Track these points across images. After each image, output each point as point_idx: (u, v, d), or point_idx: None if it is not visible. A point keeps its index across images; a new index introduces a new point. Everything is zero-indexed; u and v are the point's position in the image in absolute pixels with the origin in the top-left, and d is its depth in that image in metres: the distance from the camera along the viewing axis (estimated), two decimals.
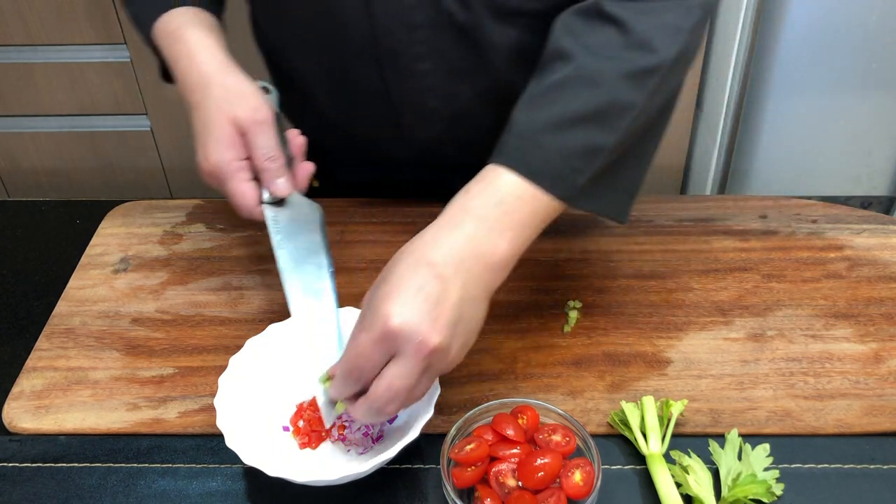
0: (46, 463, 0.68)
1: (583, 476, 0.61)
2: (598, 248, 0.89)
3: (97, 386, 0.74)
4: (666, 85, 0.67)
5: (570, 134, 0.64)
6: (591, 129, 0.64)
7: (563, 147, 0.63)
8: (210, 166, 0.73)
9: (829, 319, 0.79)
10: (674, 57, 0.65)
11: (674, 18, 0.66)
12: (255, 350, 0.70)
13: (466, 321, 0.60)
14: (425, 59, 0.81)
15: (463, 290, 0.59)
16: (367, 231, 0.92)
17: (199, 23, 0.78)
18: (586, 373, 0.74)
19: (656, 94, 0.66)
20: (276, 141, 0.74)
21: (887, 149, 1.76)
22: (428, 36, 0.79)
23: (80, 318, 0.81)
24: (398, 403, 0.59)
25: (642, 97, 0.65)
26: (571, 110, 0.64)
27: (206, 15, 0.80)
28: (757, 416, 0.70)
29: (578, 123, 0.64)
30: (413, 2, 0.77)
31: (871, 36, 1.59)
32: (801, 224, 0.92)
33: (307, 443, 0.68)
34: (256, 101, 0.73)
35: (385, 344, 0.58)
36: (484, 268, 0.61)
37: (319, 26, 0.82)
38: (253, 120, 0.72)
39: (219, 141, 0.72)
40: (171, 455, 0.69)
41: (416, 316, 0.57)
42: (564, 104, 0.64)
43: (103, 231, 0.93)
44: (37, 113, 1.88)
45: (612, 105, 0.64)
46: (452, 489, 0.61)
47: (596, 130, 0.64)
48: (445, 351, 0.58)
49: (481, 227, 0.61)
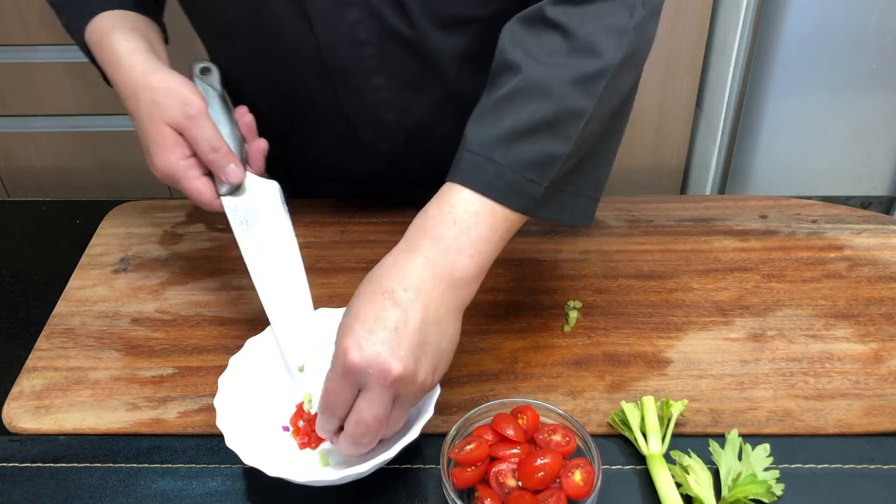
0: (46, 463, 0.68)
1: (583, 476, 0.61)
2: (598, 248, 0.89)
3: (97, 386, 0.74)
4: (615, 87, 0.66)
5: (522, 146, 0.63)
6: (543, 140, 0.63)
7: (515, 160, 0.63)
8: (159, 172, 0.73)
9: (829, 319, 0.79)
10: (620, 59, 0.65)
11: (616, 20, 0.65)
12: (255, 350, 0.70)
13: (433, 343, 0.60)
14: (376, 74, 0.80)
15: (424, 312, 0.59)
16: (367, 231, 0.92)
17: (122, 26, 0.76)
18: (586, 373, 0.74)
19: (606, 97, 0.65)
20: (213, 131, 0.72)
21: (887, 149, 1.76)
22: (375, 51, 0.79)
23: (80, 318, 0.81)
24: (372, 435, 0.60)
25: (591, 102, 0.64)
26: (521, 122, 0.63)
27: (131, 16, 0.78)
28: (757, 416, 0.70)
29: (530, 135, 0.63)
30: (355, 18, 0.76)
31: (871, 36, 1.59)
32: (801, 224, 0.92)
33: (307, 443, 0.67)
34: (185, 96, 0.72)
35: (349, 379, 0.58)
36: (446, 288, 0.61)
37: (267, 49, 0.81)
38: (185, 116, 0.71)
39: (159, 146, 0.72)
40: (171, 455, 0.69)
41: (374, 346, 0.57)
42: (514, 117, 0.64)
43: (103, 231, 0.93)
44: (37, 113, 1.88)
45: (561, 113, 0.63)
46: (452, 489, 0.61)
47: (548, 140, 0.63)
48: (411, 377, 0.58)
49: (439, 248, 0.61)
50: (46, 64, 1.79)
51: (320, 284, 0.83)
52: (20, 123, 1.90)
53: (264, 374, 0.70)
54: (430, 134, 0.87)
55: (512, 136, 0.63)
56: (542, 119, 0.63)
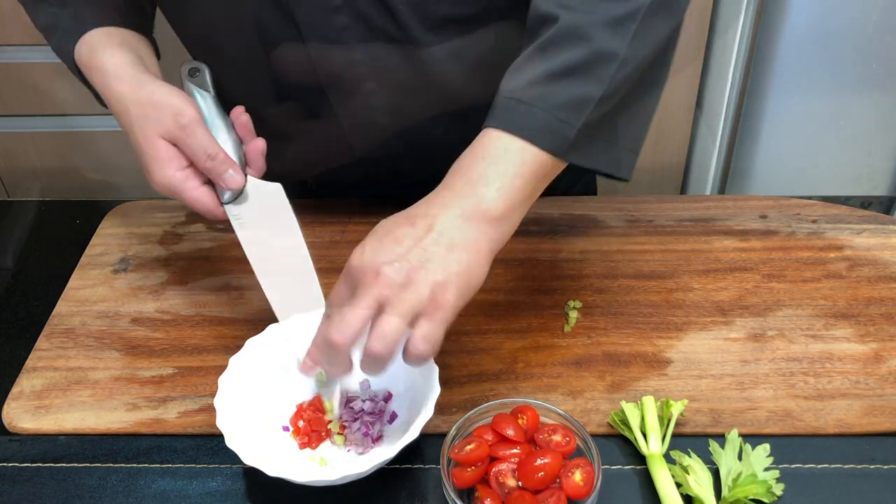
0: (46, 463, 0.68)
1: (583, 476, 0.61)
2: (598, 248, 0.89)
3: (97, 386, 0.74)
4: (648, 32, 0.66)
5: (555, 88, 0.64)
6: (576, 81, 0.64)
7: (547, 100, 0.63)
8: (158, 186, 0.72)
9: (829, 319, 0.79)
10: (649, 1, 0.66)
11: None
12: (255, 350, 0.70)
13: (439, 262, 0.59)
14: (368, 80, 0.80)
15: (438, 234, 0.60)
16: (366, 231, 0.91)
17: (110, 43, 0.75)
18: (586, 373, 0.74)
19: (638, 41, 0.65)
20: (208, 138, 0.71)
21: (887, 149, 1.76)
22: (365, 56, 0.78)
23: (80, 318, 0.81)
24: (352, 336, 0.58)
25: (623, 44, 0.65)
26: (554, 66, 0.64)
27: (119, 32, 0.77)
28: (757, 416, 0.70)
29: (562, 78, 0.64)
30: (342, 24, 0.76)
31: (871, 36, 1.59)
32: (801, 224, 0.92)
33: (307, 443, 0.68)
34: (177, 106, 0.70)
35: (347, 281, 0.60)
36: (469, 218, 0.61)
37: (256, 57, 0.80)
38: (177, 126, 0.70)
39: (154, 160, 0.71)
40: (171, 455, 0.69)
41: (373, 252, 0.59)
42: (548, 63, 0.64)
43: (103, 231, 0.93)
44: (37, 113, 1.88)
45: (594, 56, 0.64)
46: (452, 489, 0.61)
47: (581, 82, 0.64)
48: (400, 283, 0.58)
49: (466, 182, 0.62)
50: (46, 64, 1.79)
51: (321, 284, 0.83)
52: (20, 123, 1.90)
53: (264, 374, 0.70)
54: (426, 136, 0.86)
55: (545, 80, 0.64)
56: (574, 62, 0.64)
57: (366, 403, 0.69)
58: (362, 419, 0.68)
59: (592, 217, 0.93)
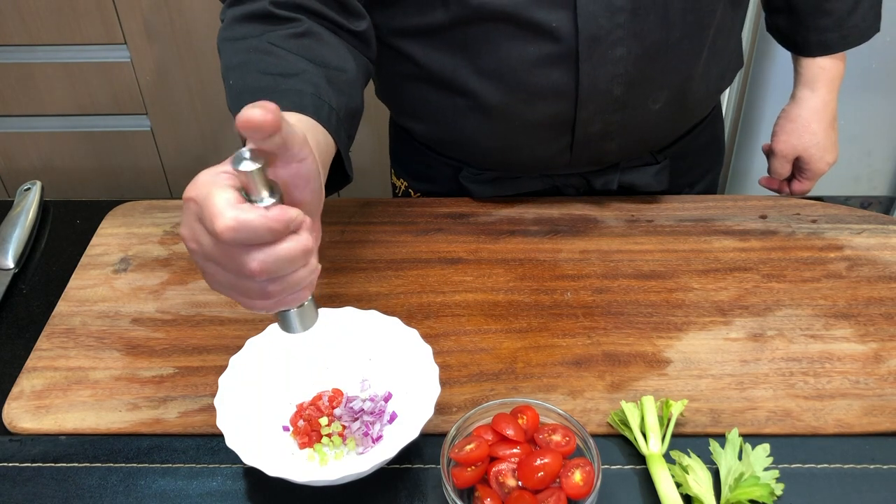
0: (46, 463, 0.68)
1: (583, 476, 0.61)
2: (598, 248, 0.89)
3: (97, 386, 0.74)
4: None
5: None
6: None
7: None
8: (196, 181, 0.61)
9: (829, 319, 0.79)
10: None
11: None
12: (255, 350, 0.70)
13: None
14: (621, 45, 0.81)
15: None
16: (367, 231, 0.92)
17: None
18: (586, 373, 0.75)
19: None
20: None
21: (887, 149, 1.76)
22: (626, 19, 0.80)
23: (81, 318, 0.81)
24: None
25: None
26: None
27: (308, 124, 0.65)
28: (757, 416, 0.70)
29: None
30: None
31: None
32: (801, 224, 0.92)
33: (307, 443, 0.68)
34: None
35: None
36: None
37: (522, 24, 0.80)
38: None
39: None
40: (171, 455, 0.69)
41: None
42: None
43: (103, 231, 0.93)
44: (37, 113, 1.88)
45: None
46: (452, 489, 0.61)
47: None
48: None
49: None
50: (46, 64, 1.79)
51: (321, 284, 0.83)
52: (20, 123, 1.90)
53: (264, 374, 0.70)
54: (643, 110, 0.87)
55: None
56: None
57: (366, 403, 0.69)
58: (362, 419, 0.68)
59: (592, 217, 0.93)
